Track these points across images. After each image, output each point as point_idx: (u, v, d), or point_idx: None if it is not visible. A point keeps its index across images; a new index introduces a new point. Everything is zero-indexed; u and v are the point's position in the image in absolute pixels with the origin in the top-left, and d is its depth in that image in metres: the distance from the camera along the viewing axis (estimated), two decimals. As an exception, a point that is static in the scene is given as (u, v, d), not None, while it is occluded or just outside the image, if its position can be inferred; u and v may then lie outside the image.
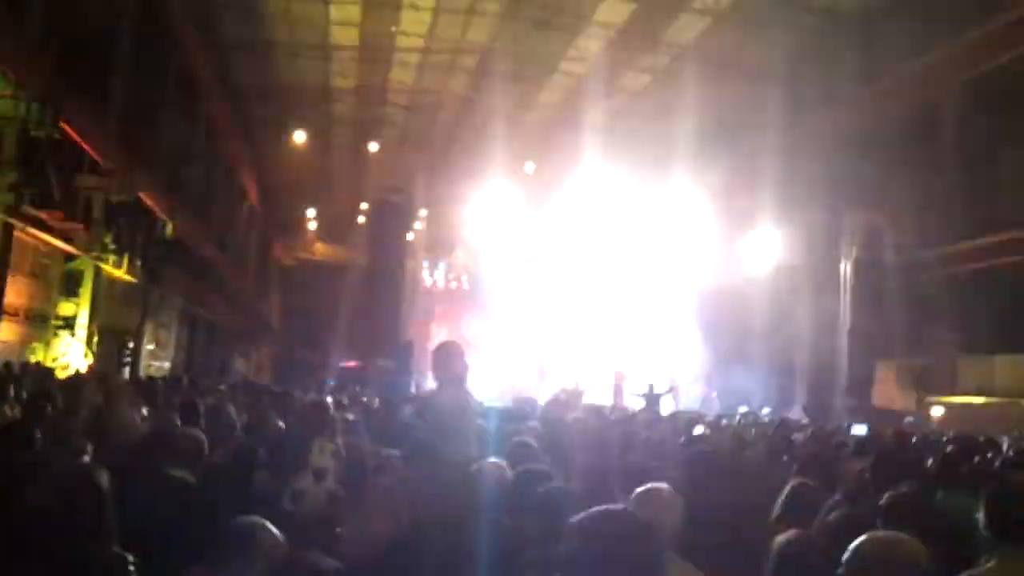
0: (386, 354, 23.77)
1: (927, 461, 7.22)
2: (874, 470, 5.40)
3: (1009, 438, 10.76)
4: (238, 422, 7.08)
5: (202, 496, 4.22)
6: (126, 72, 15.06)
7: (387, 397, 12.94)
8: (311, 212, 35.02)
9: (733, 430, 11.14)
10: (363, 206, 32.50)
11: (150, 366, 19.24)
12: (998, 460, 8.08)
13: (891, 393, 18.93)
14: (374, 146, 28.01)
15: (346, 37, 22.31)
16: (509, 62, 23.02)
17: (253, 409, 8.22)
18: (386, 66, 24.14)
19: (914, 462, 7.03)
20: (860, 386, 19.28)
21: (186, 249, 20.22)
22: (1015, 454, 8.78)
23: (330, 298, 32.18)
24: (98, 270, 15.93)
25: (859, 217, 19.85)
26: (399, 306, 27.89)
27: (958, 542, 3.76)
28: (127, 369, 17.57)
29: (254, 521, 3.09)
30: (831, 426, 14.24)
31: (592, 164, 24.01)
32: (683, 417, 12.79)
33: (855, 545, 2.24)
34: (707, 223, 24.59)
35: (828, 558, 2.30)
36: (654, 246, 26.11)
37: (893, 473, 5.40)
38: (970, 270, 17.24)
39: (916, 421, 16.59)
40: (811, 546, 2.92)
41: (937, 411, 17.05)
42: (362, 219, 33.05)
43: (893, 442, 9.72)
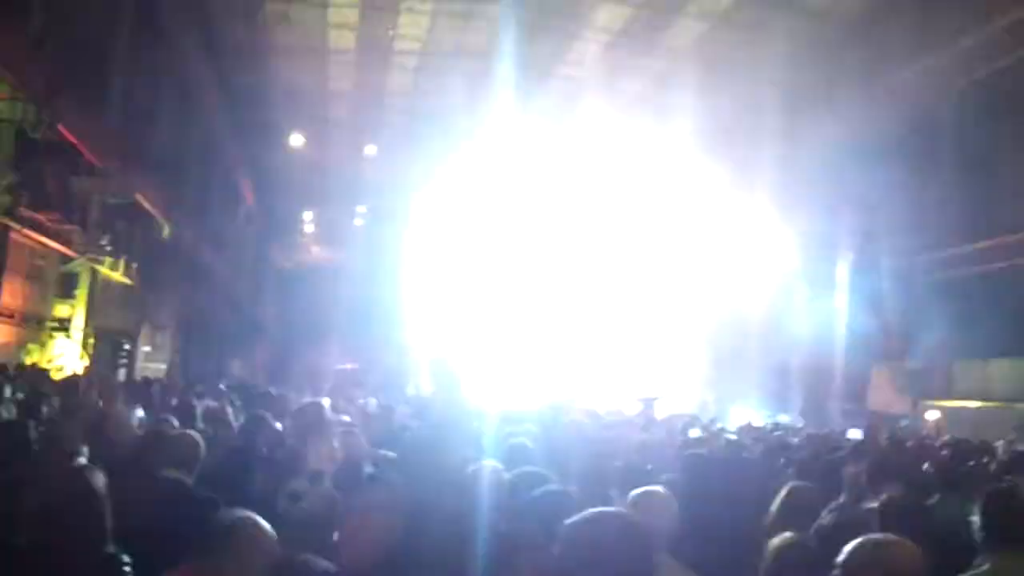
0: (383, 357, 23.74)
1: (923, 465, 7.25)
2: (870, 474, 5.41)
3: (1004, 442, 10.79)
4: (235, 424, 7.07)
5: (198, 497, 4.21)
6: (123, 74, 15.04)
7: (384, 399, 12.94)
8: (308, 215, 34.99)
9: (727, 434, 11.14)
10: (360, 209, 32.47)
11: (146, 368, 19.20)
12: (993, 464, 8.10)
13: (887, 396, 18.95)
14: (371, 148, 28.00)
15: (344, 40, 22.32)
16: (507, 66, 23.04)
17: (249, 411, 8.21)
18: (383, 69, 24.14)
19: (910, 466, 7.05)
20: (856, 389, 19.30)
21: (183, 251, 20.21)
22: (1010, 458, 8.80)
23: (327, 301, 32.13)
24: (94, 272, 15.91)
25: (856, 220, 19.88)
26: (396, 309, 27.82)
27: (953, 546, 3.77)
28: (123, 371, 17.55)
29: (242, 515, 3.07)
30: (827, 429, 14.28)
31: (590, 168, 24.03)
32: (678, 420, 12.80)
33: (849, 548, 2.25)
34: (704, 226, 24.59)
35: (823, 561, 2.30)
36: (652, 248, 26.09)
37: (889, 477, 5.42)
38: (967, 274, 17.27)
39: (912, 425, 16.62)
40: (806, 549, 2.93)
41: (933, 415, 17.08)
42: (359, 222, 33.01)
43: (889, 446, 9.75)
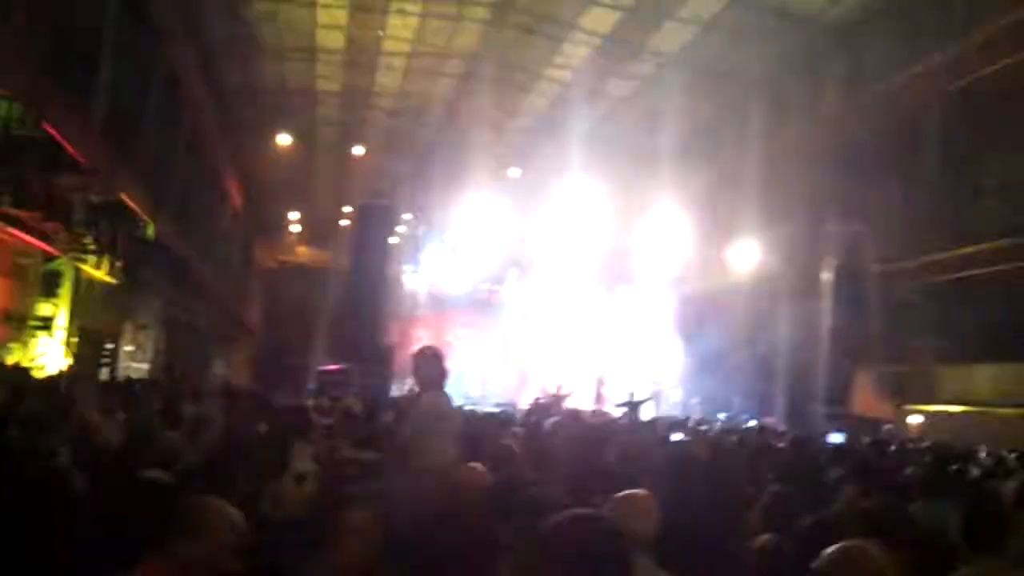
0: (367, 358, 23.65)
1: (904, 470, 7.29)
2: (852, 478, 5.44)
3: (986, 447, 10.87)
4: (218, 425, 7.04)
5: (179, 498, 4.18)
6: (110, 72, 14.95)
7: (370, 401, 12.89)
8: (294, 215, 34.89)
9: (711, 437, 11.17)
10: (346, 209, 32.40)
11: (129, 368, 19.09)
12: (975, 469, 8.16)
13: (870, 401, 19.03)
14: (359, 149, 27.95)
15: (332, 40, 22.28)
16: (495, 68, 23.07)
17: (233, 412, 8.18)
18: (372, 70, 24.12)
19: (891, 470, 7.09)
20: (839, 394, 19.37)
21: (167, 250, 20.09)
22: (992, 463, 8.87)
23: (312, 301, 32.04)
24: (78, 271, 15.80)
25: (840, 226, 19.96)
26: (381, 310, 27.77)
27: (935, 551, 3.79)
28: (105, 371, 17.44)
29: (206, 499, 3.04)
30: (810, 433, 14.33)
31: (576, 170, 24.04)
32: (662, 423, 12.84)
33: (824, 554, 2.26)
34: (689, 229, 24.65)
35: (802, 564, 2.31)
36: (637, 251, 26.15)
37: (871, 481, 5.45)
38: (950, 280, 17.35)
39: (894, 429, 16.71)
40: (785, 552, 2.94)
41: (915, 419, 17.17)
42: (345, 222, 32.93)
43: (871, 450, 9.81)
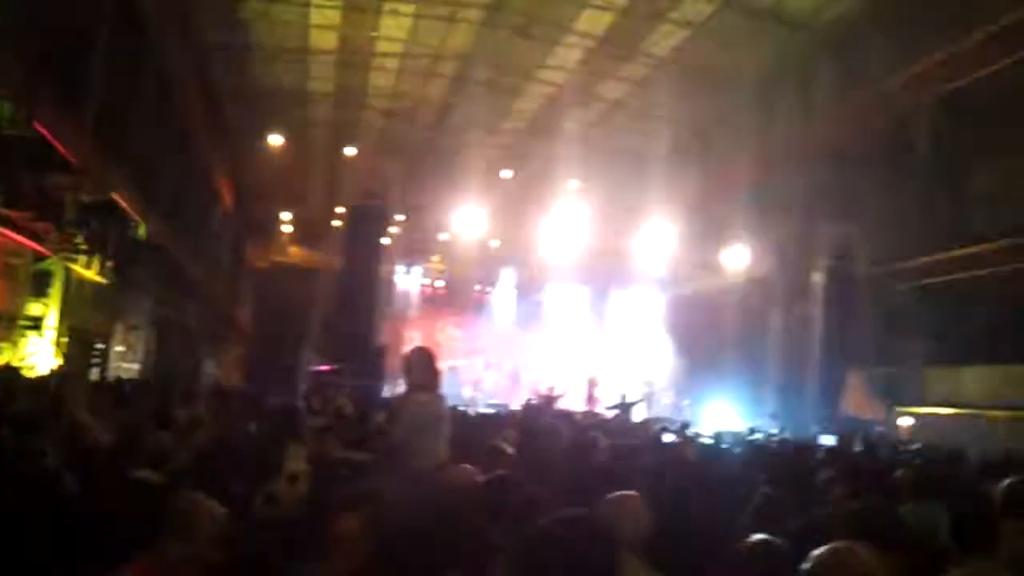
0: (359, 359, 23.60)
1: (895, 471, 7.31)
2: (842, 479, 5.45)
3: (975, 449, 10.91)
4: (209, 426, 7.03)
5: (168, 497, 4.18)
6: (101, 72, 14.89)
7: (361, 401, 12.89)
8: (286, 215, 34.80)
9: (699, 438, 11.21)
10: (339, 210, 32.33)
11: (119, 368, 19.03)
12: (964, 471, 8.19)
13: (861, 403, 19.10)
14: (351, 150, 27.90)
15: (325, 41, 22.24)
16: (488, 69, 23.06)
17: (224, 413, 8.16)
18: (365, 71, 24.08)
19: (882, 472, 7.11)
20: (831, 395, 19.43)
21: (158, 250, 20.03)
22: (981, 465, 8.90)
23: (304, 302, 31.95)
24: (68, 270, 15.73)
25: (832, 228, 20.02)
26: (373, 311, 27.72)
27: (925, 553, 3.80)
28: (96, 371, 17.38)
29: (193, 498, 3.04)
30: (801, 435, 14.38)
31: (569, 171, 24.06)
32: (654, 425, 12.87)
33: (814, 555, 2.27)
34: (681, 232, 24.70)
35: (792, 564, 2.32)
36: (630, 253, 26.19)
37: (861, 483, 5.46)
38: (941, 282, 17.42)
39: (885, 431, 16.77)
40: (776, 552, 2.95)
41: (906, 421, 17.24)
42: (337, 223, 32.85)
43: (862, 452, 9.84)
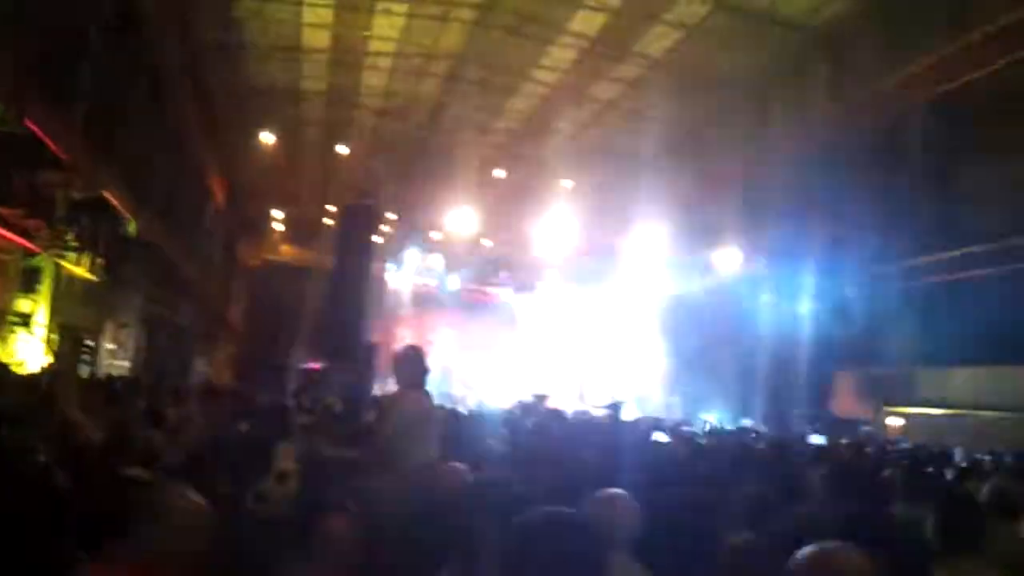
0: (349, 357, 23.59)
1: (882, 471, 7.36)
2: (830, 479, 5.48)
3: (963, 449, 10.99)
4: (200, 424, 7.04)
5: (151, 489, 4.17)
6: (93, 69, 14.86)
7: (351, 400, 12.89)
8: (278, 214, 34.75)
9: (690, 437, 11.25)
10: (331, 208, 32.29)
11: (110, 365, 18.98)
12: (951, 471, 8.24)
13: (850, 402, 19.19)
14: (343, 149, 27.88)
15: (318, 39, 22.22)
16: (481, 69, 23.07)
17: (215, 411, 8.17)
18: (357, 70, 24.07)
19: (870, 472, 7.15)
20: (820, 395, 19.51)
21: (150, 248, 19.98)
22: (968, 465, 8.96)
23: (295, 300, 31.90)
24: (58, 267, 15.69)
25: (823, 228, 20.08)
26: (364, 309, 27.69)
27: (912, 553, 3.84)
28: (86, 368, 17.34)
29: (173, 489, 3.01)
30: (789, 434, 14.44)
31: (561, 172, 24.10)
32: (644, 423, 12.90)
33: (798, 555, 2.28)
34: (673, 232, 24.75)
35: (778, 563, 2.34)
36: (621, 252, 26.25)
37: (849, 482, 5.49)
38: (931, 283, 17.50)
39: (873, 431, 16.85)
40: (760, 550, 2.97)
41: (894, 421, 17.32)
42: (330, 222, 32.81)
43: (850, 451, 9.89)
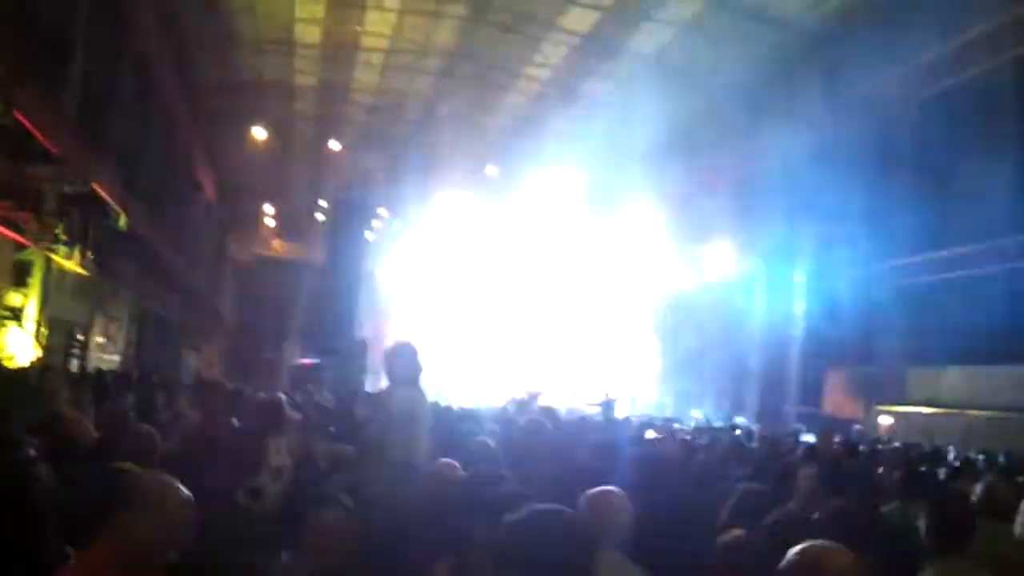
0: (341, 353, 23.60)
1: (873, 469, 7.37)
2: (821, 477, 5.48)
3: (954, 448, 11.01)
4: (192, 418, 7.00)
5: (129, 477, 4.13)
6: (83, 61, 14.77)
7: (341, 396, 12.86)
8: (269, 208, 34.70)
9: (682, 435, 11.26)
10: (322, 203, 32.27)
11: (99, 359, 18.91)
12: (942, 470, 8.25)
13: (841, 401, 19.22)
14: (335, 144, 27.83)
15: (310, 34, 22.16)
16: (473, 66, 23.04)
17: (206, 406, 8.12)
18: (350, 65, 24.01)
19: (861, 470, 7.17)
20: (810, 394, 19.54)
21: (139, 242, 19.88)
22: (959, 464, 8.98)
23: (286, 295, 31.88)
24: (48, 261, 15.61)
25: (815, 227, 20.10)
26: (355, 305, 27.72)
27: (902, 551, 3.83)
28: (76, 362, 17.27)
29: (151, 475, 2.96)
30: (781, 432, 14.45)
31: (553, 169, 24.10)
32: (636, 421, 12.91)
33: (788, 555, 2.27)
34: (665, 230, 24.78)
35: (769, 560, 2.33)
36: (613, 250, 26.26)
37: (840, 481, 5.50)
38: (922, 283, 17.54)
39: (864, 429, 16.88)
40: (752, 547, 2.97)
41: (885, 420, 17.35)
42: (321, 217, 32.79)
43: (841, 450, 9.90)
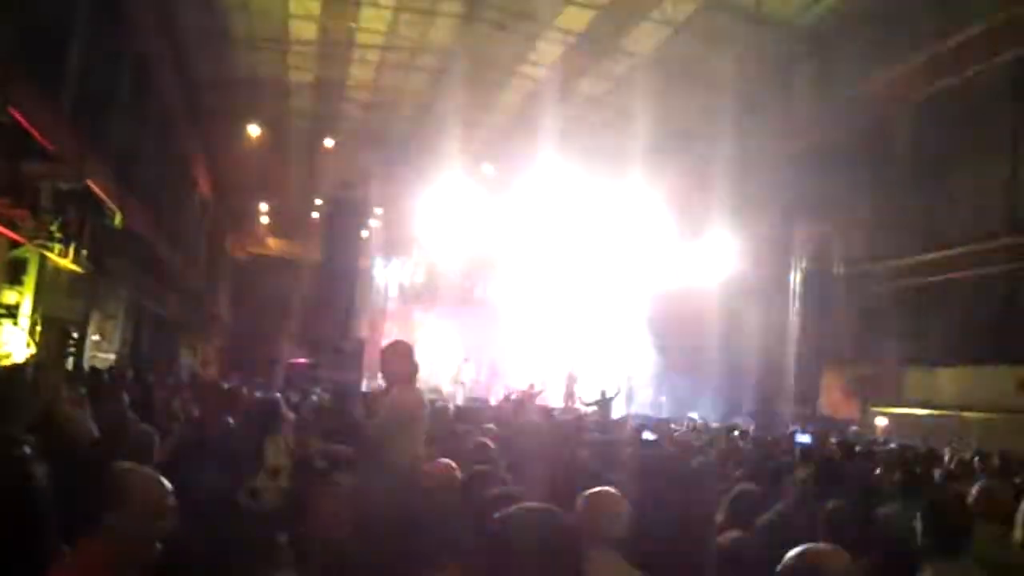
0: (337, 352, 23.54)
1: (870, 471, 7.38)
2: (817, 479, 5.48)
3: (950, 449, 11.03)
4: (189, 418, 7.00)
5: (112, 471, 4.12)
6: (79, 59, 14.74)
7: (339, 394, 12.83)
8: (264, 206, 34.63)
9: (679, 436, 11.27)
10: (318, 202, 32.19)
11: (95, 357, 18.86)
12: (938, 471, 8.27)
13: (837, 402, 19.25)
14: (330, 142, 27.78)
15: (305, 31, 22.13)
16: (469, 64, 23.01)
17: (202, 404, 8.11)
18: (345, 63, 23.97)
19: (857, 472, 7.17)
20: (807, 394, 19.56)
21: (135, 240, 19.85)
22: (955, 465, 9.00)
23: (282, 294, 31.82)
24: (43, 259, 15.57)
25: (810, 228, 20.13)
26: (351, 304, 27.65)
27: (898, 553, 3.83)
28: (71, 360, 17.23)
29: (135, 470, 2.96)
30: (777, 433, 14.47)
31: (549, 167, 24.05)
32: (632, 421, 12.92)
33: (787, 557, 2.28)
34: (660, 229, 24.77)
35: (764, 560, 2.33)
36: (609, 250, 26.25)
37: (836, 482, 5.50)
38: (918, 284, 17.58)
39: (860, 430, 16.91)
40: (748, 547, 2.97)
41: (881, 421, 17.39)
42: (316, 215, 32.71)
43: (837, 451, 9.91)
